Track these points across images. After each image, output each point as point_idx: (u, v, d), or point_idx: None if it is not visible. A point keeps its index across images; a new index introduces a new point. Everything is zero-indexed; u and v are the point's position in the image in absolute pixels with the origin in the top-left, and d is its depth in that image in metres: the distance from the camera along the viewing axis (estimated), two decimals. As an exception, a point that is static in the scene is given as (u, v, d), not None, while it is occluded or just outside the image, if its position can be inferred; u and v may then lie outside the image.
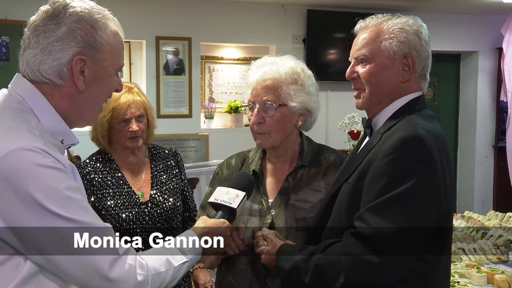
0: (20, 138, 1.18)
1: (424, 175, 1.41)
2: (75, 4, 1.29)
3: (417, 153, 1.42)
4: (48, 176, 1.17)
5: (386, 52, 1.55)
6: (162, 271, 1.32)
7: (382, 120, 1.59)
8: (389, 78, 1.56)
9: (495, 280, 2.49)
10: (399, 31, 1.55)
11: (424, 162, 1.42)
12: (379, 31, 1.57)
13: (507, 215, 3.53)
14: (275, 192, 1.82)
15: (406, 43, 1.54)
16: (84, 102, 1.33)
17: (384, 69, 1.55)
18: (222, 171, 1.93)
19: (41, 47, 1.26)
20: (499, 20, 6.68)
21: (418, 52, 1.55)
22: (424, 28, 1.59)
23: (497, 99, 7.12)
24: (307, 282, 1.48)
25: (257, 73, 1.79)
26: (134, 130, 2.30)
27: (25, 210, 1.15)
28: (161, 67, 5.75)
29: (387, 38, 1.54)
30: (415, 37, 1.56)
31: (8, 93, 1.30)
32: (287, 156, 1.85)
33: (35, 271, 1.21)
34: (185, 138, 5.80)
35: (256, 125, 1.78)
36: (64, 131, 1.31)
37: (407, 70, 1.55)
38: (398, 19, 1.59)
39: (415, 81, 1.58)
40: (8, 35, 5.02)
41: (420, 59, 1.56)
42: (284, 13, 6.18)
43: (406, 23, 1.57)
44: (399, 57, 1.54)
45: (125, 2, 5.42)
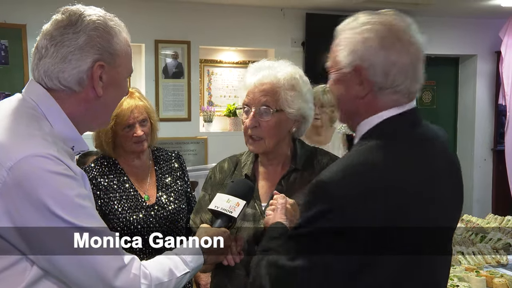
0: (34, 145, 1.20)
1: (322, 224, 1.23)
2: (90, 12, 1.33)
3: (319, 205, 1.24)
4: (59, 183, 1.18)
5: (339, 64, 1.37)
6: (165, 281, 1.34)
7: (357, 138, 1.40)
8: (345, 92, 1.37)
9: (494, 283, 2.49)
10: (350, 40, 1.36)
11: (326, 213, 1.23)
12: (339, 40, 1.43)
13: (506, 219, 3.53)
14: (267, 196, 1.80)
15: (354, 53, 1.33)
16: (101, 107, 1.36)
17: (339, 83, 1.38)
18: (215, 175, 1.92)
19: (60, 56, 1.28)
20: (497, 23, 6.69)
21: (371, 62, 1.30)
22: (390, 26, 1.34)
23: (495, 102, 7.13)
24: (253, 276, 1.40)
25: (254, 76, 1.77)
26: (139, 135, 2.32)
27: (35, 215, 1.16)
28: (160, 71, 5.76)
29: (341, 47, 1.37)
30: (365, 44, 1.32)
31: (22, 98, 1.32)
32: (280, 160, 1.84)
33: (41, 276, 1.22)
34: (184, 142, 5.80)
35: (251, 129, 1.76)
36: (75, 138, 1.34)
37: (362, 85, 1.32)
38: (355, 22, 1.40)
39: (380, 95, 1.32)
40: (7, 39, 5.02)
41: (375, 69, 1.30)
42: (283, 16, 6.19)
43: (359, 29, 1.36)
44: (350, 70, 1.34)
45: (124, 6, 5.43)
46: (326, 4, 5.93)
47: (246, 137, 1.80)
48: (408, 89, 1.32)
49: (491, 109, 7.22)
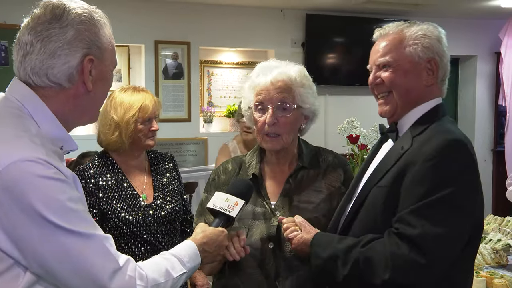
0: (22, 148, 1.17)
1: (467, 180, 1.46)
2: (73, 5, 1.29)
3: (461, 159, 1.46)
4: (50, 188, 1.16)
5: (410, 57, 1.59)
6: (161, 282, 1.31)
7: (407, 125, 1.61)
8: (414, 82, 1.60)
9: (494, 284, 2.49)
10: (423, 37, 1.60)
11: (467, 168, 1.47)
12: (402, 38, 1.61)
13: (505, 219, 3.53)
14: (276, 194, 1.82)
15: (430, 48, 1.60)
16: (90, 102, 1.33)
17: (409, 74, 1.60)
18: (219, 176, 1.92)
19: (48, 52, 1.25)
20: (497, 24, 6.70)
21: (441, 57, 1.62)
22: (443, 34, 1.66)
23: (495, 103, 7.13)
24: (345, 274, 1.49)
25: (267, 75, 1.79)
26: (156, 129, 2.39)
27: (27, 221, 1.14)
28: (160, 71, 5.76)
29: (411, 44, 1.60)
30: (437, 42, 1.62)
31: (6, 98, 1.28)
32: (288, 158, 1.86)
33: (35, 282, 1.19)
34: (184, 142, 5.79)
35: (270, 126, 1.77)
36: (63, 137, 1.30)
37: (431, 75, 1.61)
38: (419, 26, 1.64)
39: (437, 85, 1.64)
40: (7, 39, 5.03)
41: (443, 64, 1.63)
42: (283, 17, 6.19)
43: (428, 30, 1.63)
44: (423, 61, 1.60)
45: (124, 7, 5.43)
46: (326, 5, 5.93)
47: (260, 135, 1.81)
48: (445, 81, 1.68)
49: (491, 110, 7.22)
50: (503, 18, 6.56)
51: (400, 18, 6.86)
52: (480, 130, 7.18)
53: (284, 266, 1.72)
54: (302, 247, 1.63)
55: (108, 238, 1.25)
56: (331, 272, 1.53)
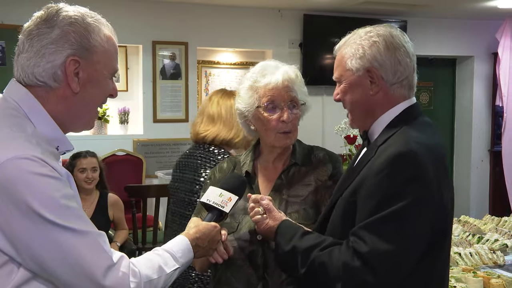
0: (18, 147, 1.18)
1: (417, 193, 1.40)
2: (68, 9, 1.31)
3: (410, 170, 1.40)
4: (44, 185, 1.17)
5: (350, 71, 1.57)
6: (154, 278, 1.33)
7: (377, 132, 1.59)
8: (360, 94, 1.57)
9: (491, 284, 2.49)
10: (356, 48, 1.56)
11: (417, 180, 1.41)
12: (343, 52, 1.60)
13: (503, 219, 3.54)
14: (268, 190, 1.84)
15: (364, 58, 1.54)
16: (80, 105, 1.33)
17: (354, 87, 1.57)
18: (214, 175, 1.95)
19: (35, 50, 1.27)
20: (494, 25, 6.71)
21: (381, 63, 1.53)
22: (390, 34, 1.56)
23: (492, 103, 7.15)
24: (303, 272, 1.50)
25: (274, 74, 1.82)
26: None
27: (21, 218, 1.15)
28: (158, 72, 5.76)
29: (349, 57, 1.57)
30: (375, 48, 1.53)
31: (3, 99, 1.30)
32: (285, 155, 1.89)
33: (28, 278, 1.20)
34: (181, 143, 5.79)
35: (288, 123, 1.81)
36: (59, 137, 1.32)
37: (375, 83, 1.54)
38: (356, 35, 1.59)
39: (392, 90, 1.55)
40: (4, 40, 5.02)
41: (386, 68, 1.53)
42: (281, 17, 6.19)
43: (364, 36, 1.56)
44: (363, 72, 1.55)
45: (122, 7, 5.43)
46: (323, 5, 5.93)
47: (274, 133, 1.82)
48: (410, 83, 1.57)
49: (488, 110, 7.24)
50: (500, 19, 6.57)
51: (397, 19, 6.88)
52: (477, 130, 7.20)
53: (273, 258, 1.73)
54: (268, 234, 1.64)
55: (102, 234, 1.26)
56: (293, 267, 1.54)
